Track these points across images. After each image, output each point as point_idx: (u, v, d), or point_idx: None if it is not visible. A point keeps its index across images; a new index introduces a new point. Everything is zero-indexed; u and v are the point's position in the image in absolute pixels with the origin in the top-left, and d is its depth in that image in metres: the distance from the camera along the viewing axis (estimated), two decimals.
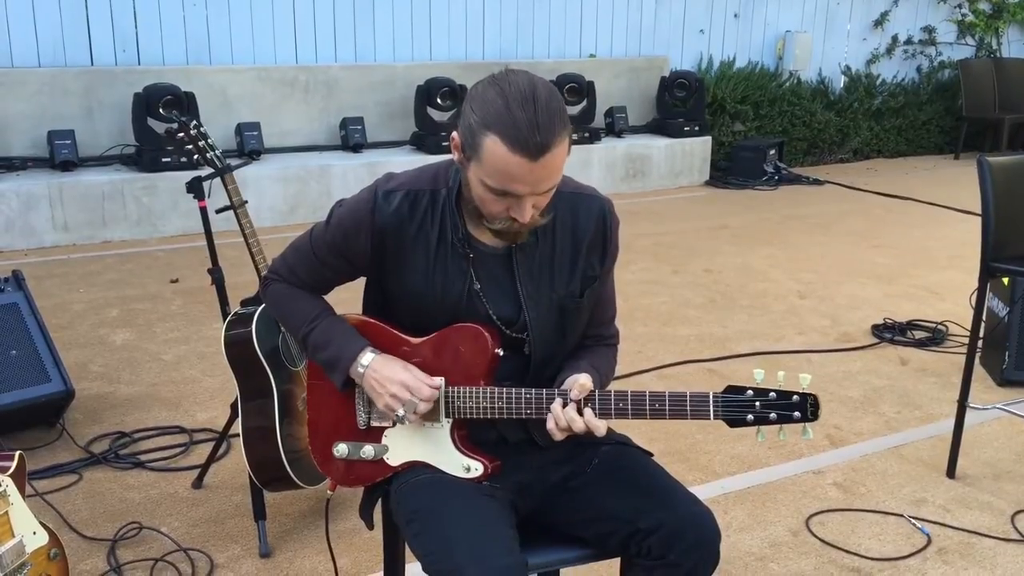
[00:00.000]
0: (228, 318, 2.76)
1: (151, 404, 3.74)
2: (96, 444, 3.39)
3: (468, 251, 1.81)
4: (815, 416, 1.69)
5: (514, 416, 1.79)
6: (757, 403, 1.70)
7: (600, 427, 1.74)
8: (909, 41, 10.27)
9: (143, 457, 3.31)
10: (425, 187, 1.82)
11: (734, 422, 1.71)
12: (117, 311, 4.82)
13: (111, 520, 2.90)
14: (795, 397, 1.69)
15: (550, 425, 1.75)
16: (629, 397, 1.74)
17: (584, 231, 1.87)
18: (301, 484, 2.74)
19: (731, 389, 1.72)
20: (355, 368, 1.83)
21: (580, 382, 1.75)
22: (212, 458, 3.13)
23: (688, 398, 1.71)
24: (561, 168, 1.68)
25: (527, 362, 1.86)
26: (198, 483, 3.12)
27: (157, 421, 3.58)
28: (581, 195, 1.89)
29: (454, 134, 1.71)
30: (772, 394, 1.69)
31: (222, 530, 2.87)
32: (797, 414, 1.69)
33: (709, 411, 1.71)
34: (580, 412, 1.73)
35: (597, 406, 1.75)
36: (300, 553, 2.76)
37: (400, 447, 1.87)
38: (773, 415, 1.69)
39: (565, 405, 1.74)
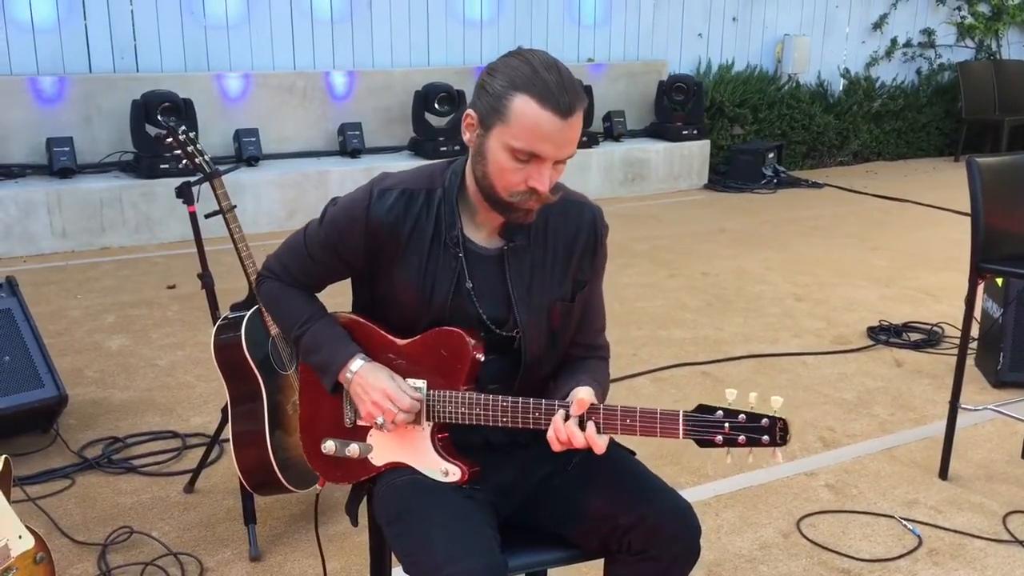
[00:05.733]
0: (218, 322, 2.77)
1: (145, 409, 3.75)
2: (89, 449, 3.40)
3: (459, 250, 1.82)
4: (784, 441, 1.64)
5: (491, 424, 1.79)
6: (727, 424, 1.65)
7: (600, 444, 1.70)
8: (908, 44, 10.27)
9: (136, 462, 3.32)
10: (421, 186, 1.84)
11: (703, 442, 1.67)
12: (113, 317, 4.84)
13: (102, 525, 2.91)
14: (764, 420, 1.64)
15: (550, 435, 1.73)
16: (601, 411, 1.72)
17: (576, 237, 1.89)
18: (291, 488, 2.74)
19: (702, 408, 1.68)
20: (344, 374, 1.85)
21: (580, 396, 1.72)
22: (203, 463, 3.14)
23: (658, 415, 1.68)
24: (578, 139, 1.72)
25: (517, 363, 1.86)
26: (190, 488, 3.12)
27: (150, 426, 3.59)
28: (573, 201, 1.91)
29: (468, 112, 1.74)
30: (742, 416, 1.65)
31: (212, 534, 2.88)
32: (766, 438, 1.64)
33: (679, 430, 1.67)
34: (582, 427, 1.71)
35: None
36: (290, 556, 2.77)
37: (383, 447, 1.88)
38: (742, 438, 1.65)
39: (567, 418, 1.72)
